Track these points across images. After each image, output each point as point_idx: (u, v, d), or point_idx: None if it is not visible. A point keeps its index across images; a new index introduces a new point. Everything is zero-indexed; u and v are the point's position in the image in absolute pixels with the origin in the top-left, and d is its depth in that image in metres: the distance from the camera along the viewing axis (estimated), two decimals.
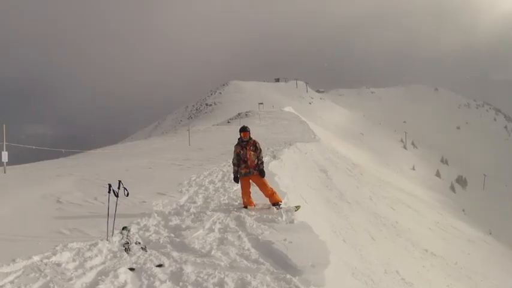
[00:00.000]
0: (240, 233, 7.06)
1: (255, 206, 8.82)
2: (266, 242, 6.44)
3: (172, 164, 16.67)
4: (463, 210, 61.78)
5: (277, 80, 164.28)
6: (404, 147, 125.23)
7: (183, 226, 7.51)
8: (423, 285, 13.07)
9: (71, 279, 5.18)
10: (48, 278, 5.15)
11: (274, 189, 8.98)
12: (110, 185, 6.97)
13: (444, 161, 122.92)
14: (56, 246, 6.22)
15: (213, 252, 6.11)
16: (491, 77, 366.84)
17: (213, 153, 20.35)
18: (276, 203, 8.64)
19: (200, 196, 10.19)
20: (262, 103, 75.58)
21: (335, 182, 19.75)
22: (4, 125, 15.09)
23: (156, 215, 8.20)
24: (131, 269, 5.56)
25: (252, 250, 6.22)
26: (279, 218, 7.77)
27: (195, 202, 9.55)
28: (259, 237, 6.76)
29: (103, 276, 5.26)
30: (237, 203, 9.21)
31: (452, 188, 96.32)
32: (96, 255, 5.94)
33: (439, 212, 36.16)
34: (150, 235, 7.12)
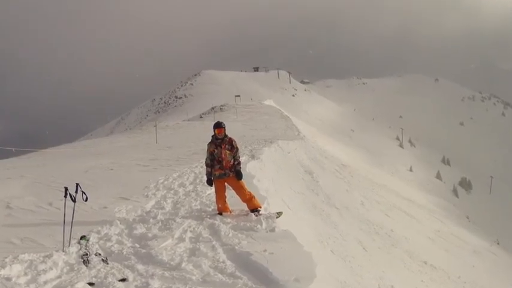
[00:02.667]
0: (214, 243, 7.14)
1: (231, 212, 8.87)
2: (243, 253, 6.54)
3: (137, 165, 16.65)
4: (467, 217, 62.52)
5: (256, 70, 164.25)
6: (401, 145, 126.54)
7: (150, 235, 7.57)
8: None
9: None
10: None
11: (253, 193, 9.05)
12: (66, 189, 6.97)
13: (446, 162, 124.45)
14: (5, 258, 6.22)
15: (183, 265, 6.18)
16: (499, 65, 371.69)
17: (183, 153, 20.36)
18: (254, 209, 8.73)
19: (169, 201, 10.24)
20: (239, 95, 75.55)
21: (322, 185, 19.98)
22: None
23: (118, 222, 8.22)
24: (90, 284, 5.62)
25: (228, 262, 6.30)
26: (258, 226, 7.86)
27: (163, 208, 9.59)
28: (236, 247, 6.85)
29: None
30: (210, 209, 9.28)
31: (455, 192, 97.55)
32: (51, 268, 5.96)
33: (439, 219, 36.62)
34: (112, 245, 7.15)
